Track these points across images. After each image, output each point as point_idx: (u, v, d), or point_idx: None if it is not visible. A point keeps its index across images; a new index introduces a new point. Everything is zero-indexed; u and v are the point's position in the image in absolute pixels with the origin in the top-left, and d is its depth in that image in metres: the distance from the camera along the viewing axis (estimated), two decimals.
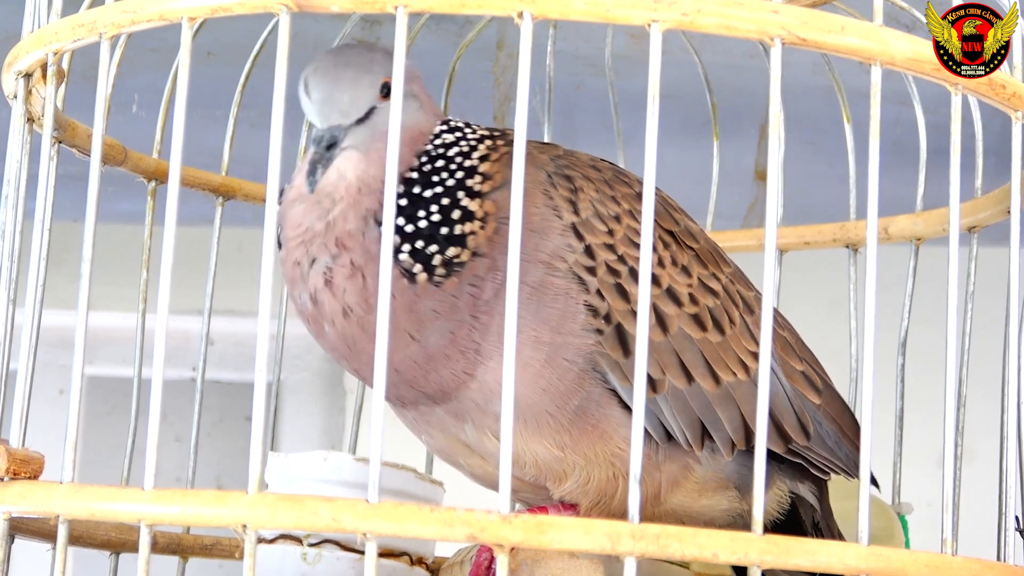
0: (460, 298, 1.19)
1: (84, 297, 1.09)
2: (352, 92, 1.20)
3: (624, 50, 2.13)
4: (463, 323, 1.19)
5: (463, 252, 1.19)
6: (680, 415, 1.24)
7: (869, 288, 1.05)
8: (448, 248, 1.19)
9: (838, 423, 1.33)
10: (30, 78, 1.24)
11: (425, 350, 1.20)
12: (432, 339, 1.19)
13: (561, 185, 1.24)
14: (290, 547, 1.28)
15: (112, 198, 2.18)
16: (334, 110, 1.20)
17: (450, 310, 1.19)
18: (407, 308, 1.19)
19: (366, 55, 1.22)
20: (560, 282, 1.21)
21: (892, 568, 1.02)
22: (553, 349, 1.20)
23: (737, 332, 1.27)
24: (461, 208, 1.20)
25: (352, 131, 1.20)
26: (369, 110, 1.20)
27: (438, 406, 1.23)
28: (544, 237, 1.21)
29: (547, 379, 1.20)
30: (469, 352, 1.20)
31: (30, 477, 1.12)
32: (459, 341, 1.19)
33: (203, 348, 1.61)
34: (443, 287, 1.19)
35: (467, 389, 1.21)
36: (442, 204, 1.20)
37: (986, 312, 1.53)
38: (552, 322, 1.20)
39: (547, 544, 0.98)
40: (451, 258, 1.19)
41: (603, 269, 1.21)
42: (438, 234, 1.19)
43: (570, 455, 1.22)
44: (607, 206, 1.24)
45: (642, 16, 1.02)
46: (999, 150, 1.30)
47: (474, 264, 1.19)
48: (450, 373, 1.21)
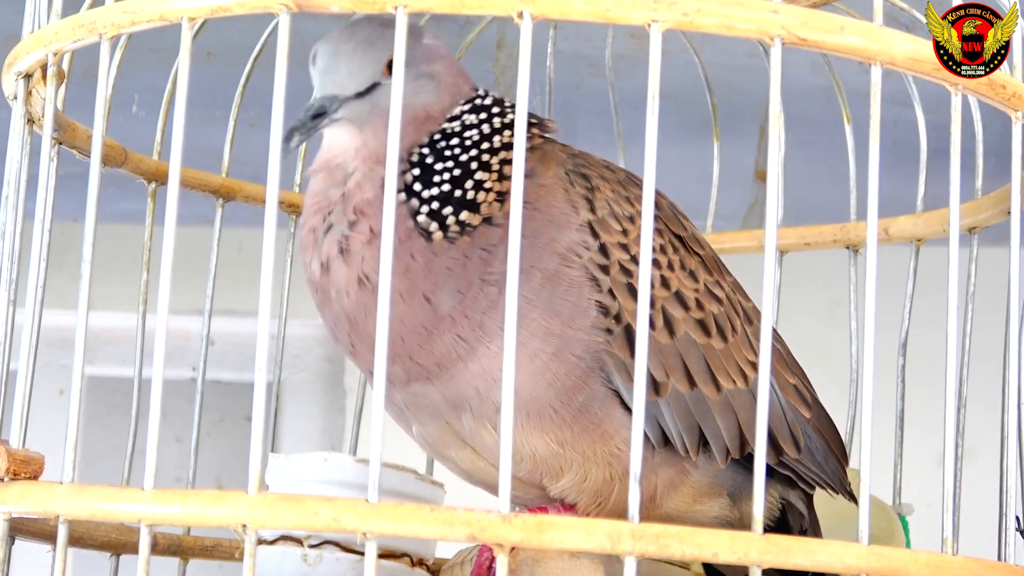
0: (471, 258, 1.19)
1: (84, 297, 1.09)
2: (351, 64, 1.19)
3: (624, 50, 2.13)
4: (472, 284, 1.19)
5: (474, 216, 1.19)
6: (680, 420, 1.24)
7: (869, 289, 1.05)
8: (462, 211, 1.19)
9: (826, 438, 1.33)
10: (30, 79, 1.24)
11: (436, 313, 1.19)
12: (444, 299, 1.19)
13: (578, 183, 1.24)
14: (290, 548, 1.28)
15: (112, 198, 2.17)
16: (330, 80, 1.19)
17: (461, 269, 1.19)
18: (425, 268, 1.19)
19: (377, 30, 1.21)
20: (575, 275, 1.21)
21: (892, 568, 1.02)
22: (563, 343, 1.20)
23: (738, 341, 1.27)
24: (475, 180, 1.20)
25: (348, 104, 1.19)
26: (371, 85, 1.20)
27: (432, 385, 1.22)
28: (562, 230, 1.21)
29: (554, 372, 1.20)
30: (474, 320, 1.19)
31: (30, 477, 1.12)
32: (466, 304, 1.19)
33: (203, 348, 1.61)
34: (456, 244, 1.19)
35: (467, 371, 1.20)
36: (454, 175, 1.20)
37: (986, 313, 1.53)
38: (564, 315, 1.20)
39: (547, 544, 0.98)
40: (464, 220, 1.19)
41: (616, 268, 1.21)
42: (452, 197, 1.19)
43: (569, 452, 1.22)
44: (622, 206, 1.24)
45: (642, 16, 1.02)
46: (999, 150, 1.30)
47: (486, 230, 1.19)
48: (451, 340, 1.20)
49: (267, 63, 1.20)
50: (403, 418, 1.27)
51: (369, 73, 1.20)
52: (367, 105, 1.20)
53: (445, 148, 1.21)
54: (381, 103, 1.19)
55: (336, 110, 1.19)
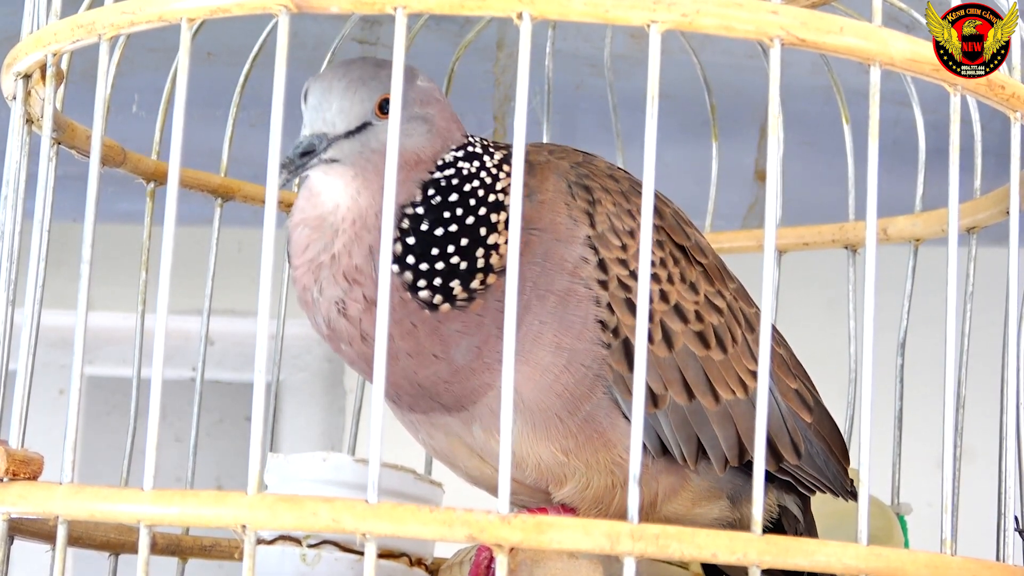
0: (486, 316, 1.17)
1: (83, 297, 1.09)
2: (342, 102, 1.16)
3: (624, 50, 2.13)
4: (490, 336, 1.18)
5: (488, 276, 1.17)
6: (678, 431, 1.24)
7: (868, 289, 1.05)
8: (471, 281, 1.17)
9: (827, 442, 1.33)
10: (29, 79, 1.24)
11: (451, 366, 1.18)
12: (458, 356, 1.18)
13: (580, 196, 1.23)
14: (289, 548, 1.28)
15: (111, 198, 2.18)
16: (320, 117, 1.16)
17: (476, 328, 1.17)
18: (431, 331, 1.17)
19: (371, 69, 1.17)
20: (583, 290, 1.20)
21: (891, 568, 1.02)
22: (572, 354, 1.20)
23: (738, 351, 1.27)
24: (485, 246, 1.17)
25: (338, 144, 1.16)
26: (361, 125, 1.16)
27: (450, 415, 1.23)
28: (568, 246, 1.21)
29: (564, 384, 1.20)
30: (494, 364, 1.18)
31: (29, 477, 1.11)
32: (484, 354, 1.18)
33: (203, 348, 1.61)
34: (467, 310, 1.17)
35: (485, 397, 1.21)
36: (461, 245, 1.17)
37: (985, 313, 1.53)
38: (575, 328, 1.20)
39: (546, 544, 0.98)
40: (474, 288, 1.17)
41: (615, 283, 1.21)
42: (458, 270, 1.16)
43: (573, 460, 1.22)
44: (623, 220, 1.23)
45: (641, 17, 1.02)
46: (998, 150, 1.30)
47: (500, 282, 1.17)
48: (475, 385, 1.20)
49: (266, 63, 1.20)
50: (412, 428, 1.28)
51: (360, 112, 1.16)
52: (357, 145, 1.16)
53: (444, 208, 1.17)
54: (371, 144, 1.16)
55: (325, 149, 1.15)
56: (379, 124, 1.16)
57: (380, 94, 1.16)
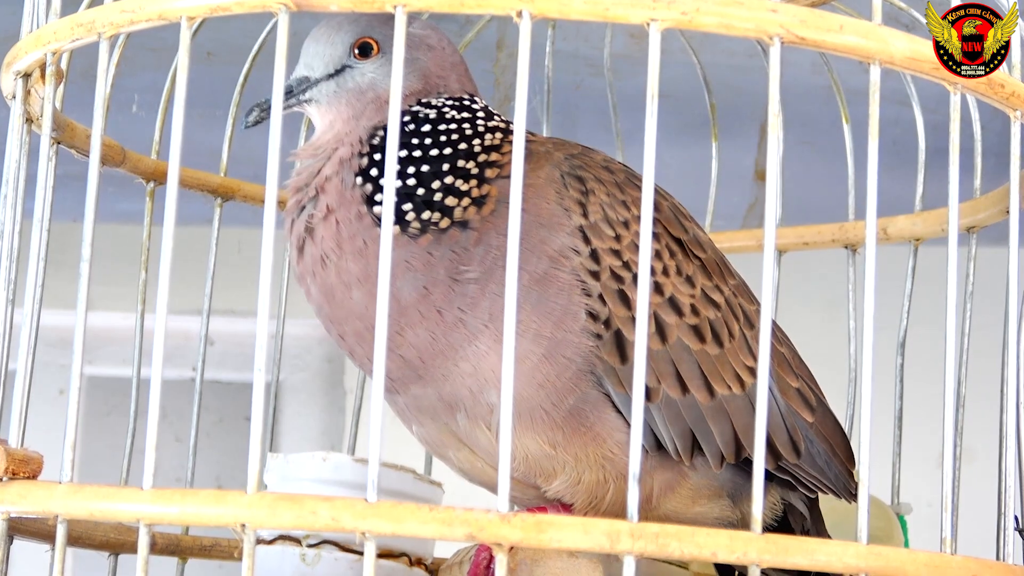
0: (435, 256, 1.19)
1: (83, 297, 1.09)
2: (318, 47, 1.25)
3: (624, 50, 2.13)
4: (438, 282, 1.19)
5: (443, 219, 1.20)
6: (672, 425, 1.23)
7: (868, 288, 1.05)
8: (424, 211, 1.20)
9: (830, 442, 1.32)
10: (29, 78, 1.23)
11: (398, 302, 1.19)
12: (404, 291, 1.19)
13: (572, 186, 1.23)
14: (289, 548, 1.28)
15: (111, 198, 2.17)
16: (303, 63, 1.26)
17: (423, 266, 1.19)
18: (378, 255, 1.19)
19: (351, 16, 1.25)
20: (565, 277, 1.20)
21: (891, 567, 1.02)
22: (553, 344, 1.20)
23: (736, 346, 1.27)
24: (443, 183, 1.21)
25: (319, 85, 1.25)
26: (341, 68, 1.25)
27: (428, 387, 1.22)
28: (552, 232, 1.21)
29: (544, 374, 1.20)
30: (449, 317, 1.19)
31: (29, 477, 1.11)
32: (434, 300, 1.19)
33: (202, 348, 1.61)
34: (417, 241, 1.20)
35: (457, 371, 1.20)
36: (421, 171, 1.21)
37: (985, 312, 1.53)
38: (554, 317, 1.20)
39: (546, 543, 0.98)
40: (427, 220, 1.20)
41: (607, 274, 1.21)
42: (415, 195, 1.20)
43: (561, 453, 1.22)
44: (617, 211, 1.23)
45: (641, 15, 1.02)
46: (998, 150, 1.30)
47: (457, 233, 1.20)
48: (427, 335, 1.20)
49: (266, 62, 1.20)
50: (404, 417, 1.28)
51: (337, 54, 1.25)
52: (333, 86, 1.25)
53: (412, 136, 1.22)
54: (347, 84, 1.24)
55: (304, 91, 1.25)
56: (357, 66, 1.25)
57: (356, 36, 1.25)
